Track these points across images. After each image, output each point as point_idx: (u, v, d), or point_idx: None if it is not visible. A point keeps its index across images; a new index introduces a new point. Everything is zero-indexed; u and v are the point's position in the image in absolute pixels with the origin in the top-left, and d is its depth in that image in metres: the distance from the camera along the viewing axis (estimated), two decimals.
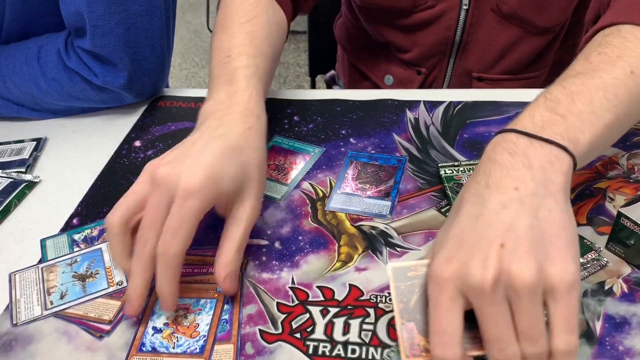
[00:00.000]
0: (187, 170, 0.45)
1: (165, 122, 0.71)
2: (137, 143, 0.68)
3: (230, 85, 0.53)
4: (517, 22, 0.77)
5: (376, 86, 0.93)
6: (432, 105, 0.70)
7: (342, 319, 0.47)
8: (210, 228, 0.55)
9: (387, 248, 0.52)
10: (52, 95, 0.70)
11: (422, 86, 0.87)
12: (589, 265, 0.49)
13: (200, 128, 0.49)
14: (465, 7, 0.75)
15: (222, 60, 0.57)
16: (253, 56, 0.57)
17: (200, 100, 0.74)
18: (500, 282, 0.35)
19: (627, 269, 0.49)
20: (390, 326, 0.46)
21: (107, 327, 0.47)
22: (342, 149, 0.64)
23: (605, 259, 0.49)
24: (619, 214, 0.47)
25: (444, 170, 0.59)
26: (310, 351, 0.45)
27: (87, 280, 0.51)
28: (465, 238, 0.38)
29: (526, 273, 0.35)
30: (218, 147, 0.47)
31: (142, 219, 0.45)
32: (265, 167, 0.51)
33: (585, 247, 0.50)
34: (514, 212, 0.37)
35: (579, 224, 0.53)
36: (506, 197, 0.38)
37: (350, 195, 0.58)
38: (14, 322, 0.48)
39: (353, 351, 0.44)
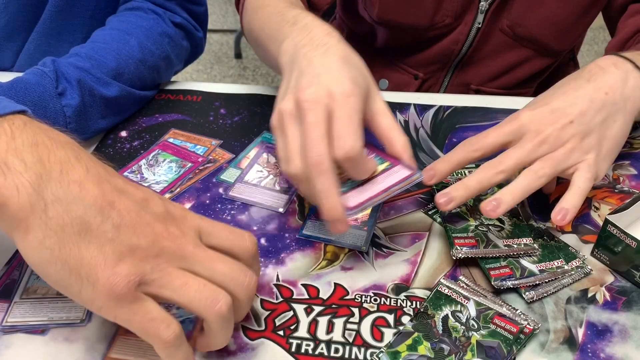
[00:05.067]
0: (331, 80, 0.44)
1: (152, 114, 0.70)
2: (123, 133, 0.67)
3: (296, 24, 0.52)
4: (529, 44, 0.78)
5: None
6: (422, 109, 0.70)
7: (326, 317, 0.46)
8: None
9: (374, 248, 0.52)
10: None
11: (417, 92, 0.87)
12: (573, 272, 0.49)
13: (298, 58, 0.48)
14: (478, 25, 0.76)
15: (275, 20, 0.56)
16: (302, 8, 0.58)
17: (189, 93, 0.73)
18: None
19: (610, 278, 0.49)
20: (374, 327, 0.46)
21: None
22: None
23: (589, 267, 0.50)
24: (606, 221, 0.48)
25: None
26: (293, 349, 0.44)
27: None
28: (553, 102, 0.50)
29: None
30: (334, 59, 0.46)
31: (306, 140, 0.42)
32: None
33: (569, 254, 0.50)
34: (593, 106, 0.50)
35: (563, 232, 0.54)
36: (596, 95, 0.50)
37: (324, 223, 0.53)
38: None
39: (336, 350, 0.44)
